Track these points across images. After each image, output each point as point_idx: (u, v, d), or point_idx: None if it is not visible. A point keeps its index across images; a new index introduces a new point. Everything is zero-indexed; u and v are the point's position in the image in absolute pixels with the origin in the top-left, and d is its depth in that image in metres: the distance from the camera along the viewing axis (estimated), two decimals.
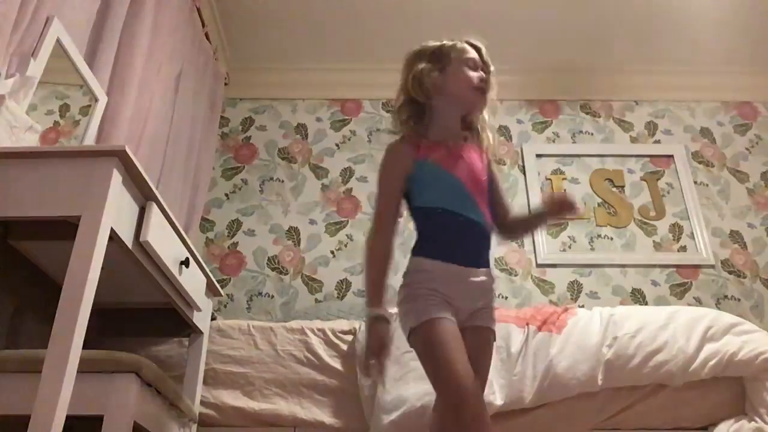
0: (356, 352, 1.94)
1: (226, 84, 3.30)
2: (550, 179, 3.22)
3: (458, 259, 1.36)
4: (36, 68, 1.61)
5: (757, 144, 3.34)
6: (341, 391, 1.92)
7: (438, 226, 1.38)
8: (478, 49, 1.51)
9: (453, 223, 1.37)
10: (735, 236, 3.07)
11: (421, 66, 1.45)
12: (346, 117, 3.42)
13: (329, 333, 2.02)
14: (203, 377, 1.85)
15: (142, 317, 1.90)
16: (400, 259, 1.40)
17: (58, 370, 1.03)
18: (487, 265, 1.43)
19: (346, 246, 3.02)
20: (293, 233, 3.06)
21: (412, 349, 1.29)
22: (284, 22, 3.15)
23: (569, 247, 3.04)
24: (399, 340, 1.31)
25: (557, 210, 1.43)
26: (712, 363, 1.81)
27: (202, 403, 1.85)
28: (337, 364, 1.94)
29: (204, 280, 1.80)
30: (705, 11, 3.06)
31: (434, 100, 1.45)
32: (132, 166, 1.26)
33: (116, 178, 1.22)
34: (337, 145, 3.33)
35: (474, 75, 1.46)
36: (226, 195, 3.16)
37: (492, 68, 1.51)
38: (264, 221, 3.08)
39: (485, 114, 1.53)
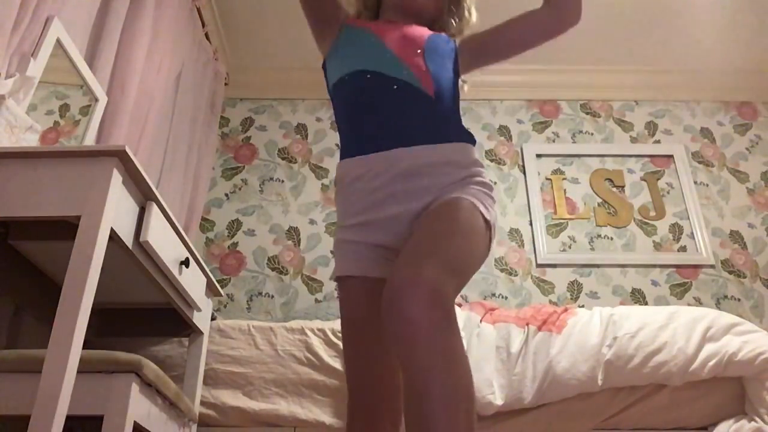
0: None
1: (226, 84, 3.30)
2: (550, 179, 3.22)
3: (364, 142, 1.04)
4: (36, 68, 1.61)
5: (757, 144, 3.34)
6: (341, 391, 1.92)
7: (340, 105, 1.13)
8: None
9: (356, 88, 1.08)
10: (735, 236, 3.07)
11: None
12: None
13: (329, 333, 2.02)
14: (203, 377, 1.85)
15: (142, 317, 1.90)
16: None
17: (58, 370, 1.03)
18: (426, 140, 1.03)
19: None
20: (293, 233, 3.06)
21: None
22: (284, 22, 3.15)
23: (569, 247, 3.04)
24: None
25: None
26: (712, 363, 1.81)
27: (202, 403, 1.85)
28: (337, 364, 1.94)
29: (204, 280, 1.80)
30: (705, 11, 3.06)
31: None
32: (132, 166, 1.26)
33: (116, 178, 1.22)
34: (337, 145, 3.33)
35: None
36: (226, 195, 3.16)
37: None
38: (264, 221, 3.08)
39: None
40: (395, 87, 1.05)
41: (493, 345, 1.93)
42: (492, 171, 3.26)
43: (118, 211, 1.23)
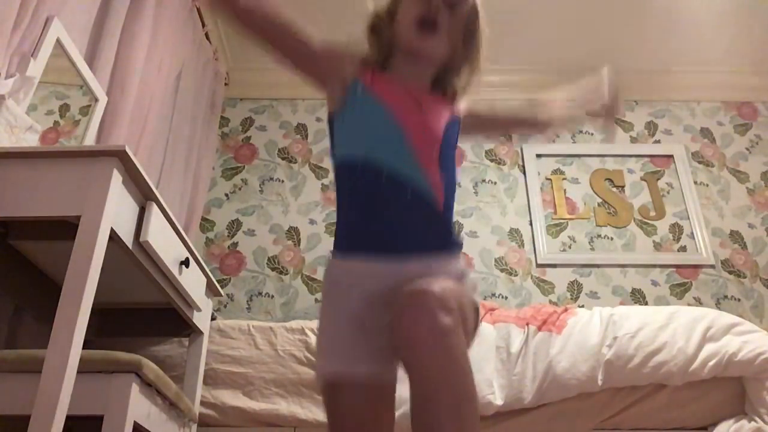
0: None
1: (226, 84, 3.30)
2: (550, 179, 3.22)
3: (372, 245, 0.96)
4: (36, 68, 1.61)
5: (757, 144, 3.34)
6: None
7: (347, 190, 1.02)
8: None
9: (369, 186, 0.97)
10: (735, 236, 3.07)
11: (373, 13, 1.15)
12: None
13: None
14: (203, 377, 1.85)
15: (142, 317, 1.90)
16: None
17: (58, 370, 1.04)
18: (432, 253, 0.98)
19: None
20: (293, 233, 3.06)
21: None
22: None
23: (569, 247, 3.04)
24: None
25: (597, 111, 1.14)
26: (712, 363, 1.81)
27: (202, 403, 1.85)
28: None
29: (204, 280, 1.80)
30: (705, 11, 3.06)
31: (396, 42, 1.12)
32: (132, 166, 1.26)
33: (116, 178, 1.22)
34: None
35: (418, 4, 1.05)
36: (226, 195, 3.16)
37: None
38: (264, 221, 3.08)
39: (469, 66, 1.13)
40: (409, 197, 0.97)
41: (493, 345, 1.94)
42: (492, 171, 3.26)
43: (118, 211, 1.23)
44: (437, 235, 1.01)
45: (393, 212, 0.97)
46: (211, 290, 1.91)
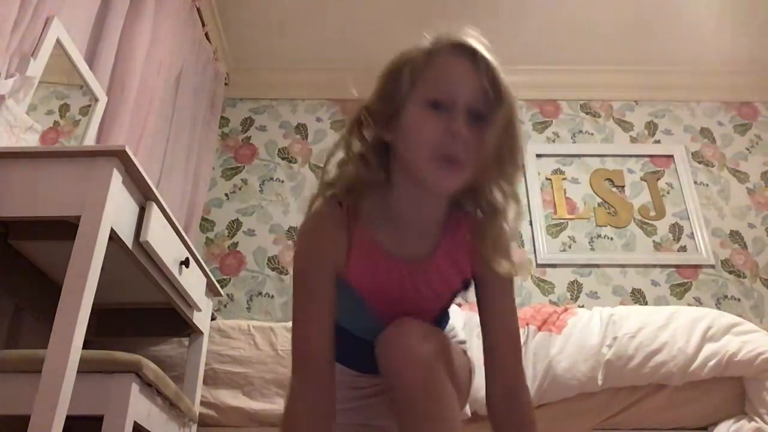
0: None
1: (226, 84, 3.30)
2: (550, 179, 3.22)
3: (365, 368, 0.98)
4: (36, 68, 1.61)
5: (757, 144, 3.34)
6: None
7: (342, 337, 0.94)
8: (473, 57, 0.84)
9: (361, 351, 0.95)
10: (735, 236, 3.06)
11: (359, 109, 0.90)
12: (347, 117, 3.41)
13: None
14: (203, 377, 1.85)
15: (142, 317, 1.90)
16: None
17: (58, 370, 1.03)
18: None
19: None
20: (293, 233, 3.05)
21: None
22: (284, 22, 3.15)
23: (569, 247, 3.04)
24: None
25: None
26: (712, 363, 1.81)
27: (202, 403, 1.85)
28: None
29: (204, 280, 1.80)
30: (705, 11, 3.06)
31: (391, 164, 0.89)
32: (132, 166, 1.26)
33: (116, 178, 1.22)
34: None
35: (435, 126, 0.82)
36: (226, 195, 3.16)
37: (506, 97, 0.85)
38: (264, 221, 3.08)
39: (502, 189, 0.89)
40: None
41: None
42: None
43: (118, 211, 1.23)
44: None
45: (365, 357, 0.93)
46: (211, 290, 1.91)
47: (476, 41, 0.86)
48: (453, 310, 1.08)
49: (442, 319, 1.05)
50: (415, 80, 0.86)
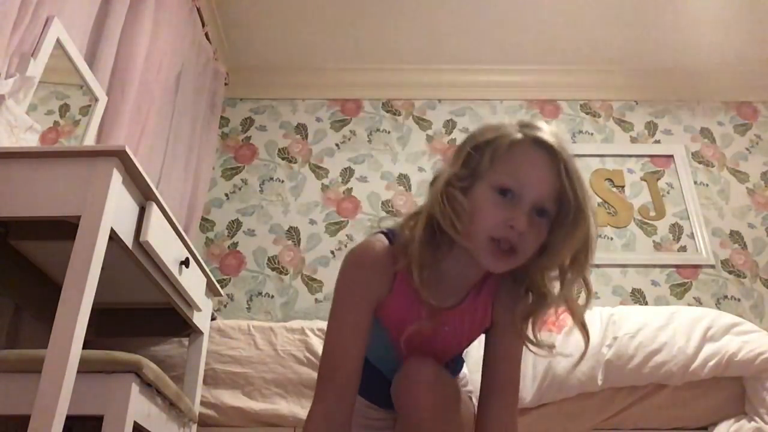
0: None
1: (226, 84, 3.30)
2: None
3: (383, 403, 1.05)
4: (36, 68, 1.61)
5: (757, 144, 3.34)
6: None
7: (369, 369, 1.01)
8: (551, 156, 0.87)
9: (372, 374, 1.03)
10: (735, 236, 3.06)
11: (449, 172, 0.92)
12: (346, 117, 3.42)
13: None
14: (203, 377, 1.85)
15: (142, 317, 1.90)
16: None
17: (58, 370, 1.03)
18: None
19: (346, 246, 3.02)
20: (293, 233, 3.06)
21: None
22: (284, 22, 3.15)
23: None
24: None
25: None
26: (712, 363, 1.81)
27: (202, 403, 1.85)
28: None
29: (204, 280, 1.80)
30: (705, 11, 3.06)
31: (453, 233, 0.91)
32: (132, 166, 1.26)
33: (116, 178, 1.22)
34: (337, 145, 3.33)
35: (499, 213, 0.87)
36: (226, 195, 3.16)
37: (580, 198, 0.86)
38: (264, 221, 3.08)
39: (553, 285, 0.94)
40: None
41: None
42: None
43: (118, 211, 1.23)
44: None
45: (381, 391, 1.02)
46: (211, 290, 1.91)
47: (557, 140, 0.89)
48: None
49: (456, 362, 1.13)
50: (494, 162, 0.90)
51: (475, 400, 1.09)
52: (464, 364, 1.20)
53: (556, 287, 0.95)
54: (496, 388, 0.99)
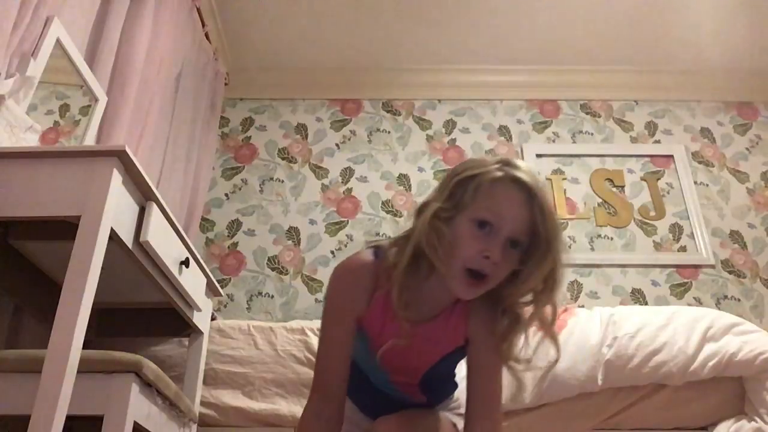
0: None
1: (226, 84, 3.30)
2: (550, 179, 3.22)
3: (371, 412, 1.16)
4: (36, 68, 1.61)
5: (757, 144, 3.34)
6: None
7: (355, 373, 1.12)
8: (529, 196, 0.94)
9: (358, 375, 1.14)
10: (735, 236, 3.06)
11: (435, 205, 0.98)
12: (346, 117, 3.42)
13: None
14: (203, 377, 1.85)
15: (142, 317, 1.90)
16: None
17: (58, 370, 1.03)
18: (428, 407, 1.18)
19: (346, 246, 3.02)
20: (293, 233, 3.06)
21: None
22: (284, 22, 3.15)
23: (569, 247, 3.03)
24: None
25: None
26: (712, 363, 1.81)
27: (202, 403, 1.85)
28: None
29: (204, 280, 1.80)
30: (705, 11, 3.06)
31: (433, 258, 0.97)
32: (132, 166, 1.26)
33: (116, 178, 1.22)
34: (337, 145, 3.33)
35: (475, 244, 0.94)
36: (226, 195, 3.16)
37: (551, 233, 0.95)
38: (264, 221, 3.08)
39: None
40: (381, 395, 1.16)
41: None
42: None
43: (118, 211, 1.23)
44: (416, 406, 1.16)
45: (371, 400, 1.16)
46: (211, 290, 1.91)
47: (533, 180, 0.96)
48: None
49: (446, 385, 1.19)
50: (476, 197, 0.96)
51: None
52: (457, 388, 1.22)
53: (528, 310, 1.02)
54: (478, 401, 1.04)
